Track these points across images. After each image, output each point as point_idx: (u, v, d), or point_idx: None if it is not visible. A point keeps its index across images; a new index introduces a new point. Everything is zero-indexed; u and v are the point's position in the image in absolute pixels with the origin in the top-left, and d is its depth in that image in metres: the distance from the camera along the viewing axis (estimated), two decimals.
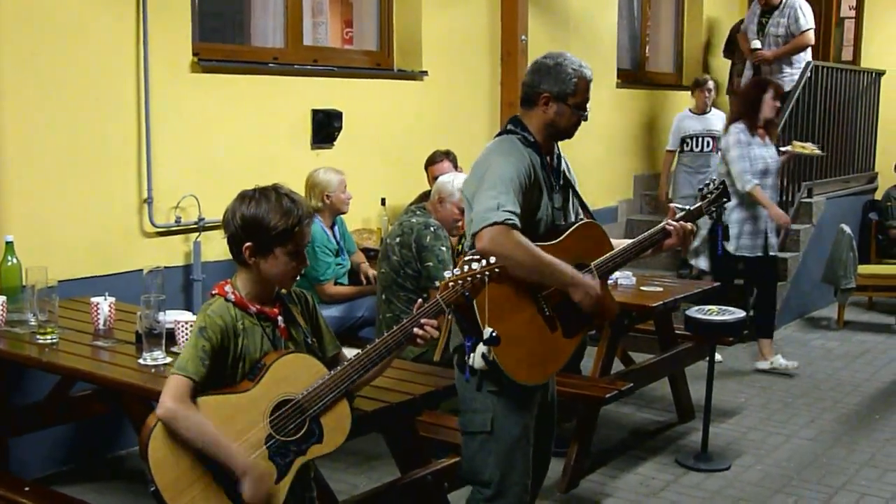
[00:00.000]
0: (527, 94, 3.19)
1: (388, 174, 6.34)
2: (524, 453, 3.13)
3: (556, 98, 3.13)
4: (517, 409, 3.09)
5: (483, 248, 2.85)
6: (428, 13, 6.63)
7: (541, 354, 3.07)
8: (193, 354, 2.56)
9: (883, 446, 5.19)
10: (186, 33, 5.23)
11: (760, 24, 7.79)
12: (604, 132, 8.41)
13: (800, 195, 8.11)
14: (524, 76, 3.22)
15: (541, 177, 3.11)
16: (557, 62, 3.15)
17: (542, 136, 3.17)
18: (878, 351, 7.17)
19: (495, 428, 3.06)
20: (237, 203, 2.67)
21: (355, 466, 4.73)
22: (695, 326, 4.98)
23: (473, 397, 3.08)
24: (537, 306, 3.03)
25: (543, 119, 3.16)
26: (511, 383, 3.00)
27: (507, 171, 2.98)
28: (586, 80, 3.17)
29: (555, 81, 3.13)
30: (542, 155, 3.16)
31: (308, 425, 2.63)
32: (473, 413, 3.10)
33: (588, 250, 3.17)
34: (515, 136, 3.14)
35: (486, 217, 2.89)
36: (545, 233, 3.11)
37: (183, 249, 5.32)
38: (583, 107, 3.18)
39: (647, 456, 5.05)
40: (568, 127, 3.20)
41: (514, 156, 3.06)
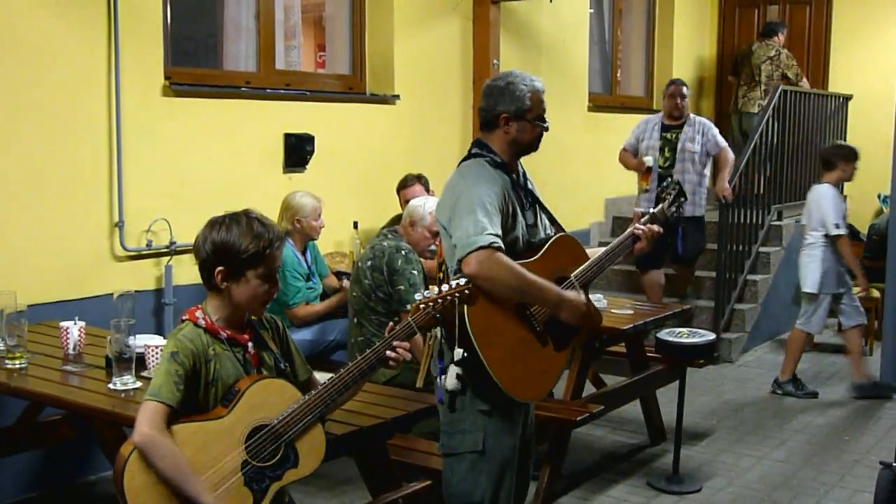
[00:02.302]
0: (485, 118, 3.23)
1: (361, 198, 6.36)
2: (512, 474, 3.16)
3: (514, 116, 3.17)
4: (507, 429, 3.12)
5: (471, 273, 2.89)
6: (400, 37, 6.67)
7: (537, 371, 3.12)
8: (167, 379, 2.55)
9: (852, 467, 5.23)
10: (158, 57, 5.23)
11: (665, 139, 7.31)
12: (576, 155, 8.48)
13: (769, 218, 8.19)
14: (480, 102, 3.26)
15: (513, 196, 3.15)
16: (508, 81, 3.19)
17: (508, 156, 3.22)
18: (848, 373, 7.21)
19: (487, 447, 3.08)
20: (207, 229, 2.69)
21: (327, 490, 4.71)
22: (665, 349, 5.01)
23: (462, 418, 3.09)
24: (527, 324, 3.08)
25: (506, 139, 3.20)
26: (501, 403, 3.04)
27: (484, 194, 3.02)
28: (539, 93, 3.21)
29: (510, 101, 3.17)
30: (510, 174, 3.21)
31: (283, 450, 2.63)
32: (463, 434, 3.10)
33: (567, 262, 3.23)
34: (483, 160, 3.18)
35: (471, 242, 2.91)
36: (523, 251, 3.15)
37: (154, 273, 5.30)
38: (541, 118, 3.23)
39: (618, 478, 5.06)
40: (531, 141, 3.24)
41: (485, 177, 3.09)
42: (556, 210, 3.50)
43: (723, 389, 6.73)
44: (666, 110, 7.43)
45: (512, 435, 3.15)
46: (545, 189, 6.89)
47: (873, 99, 9.24)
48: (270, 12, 6.08)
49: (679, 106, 7.33)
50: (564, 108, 8.37)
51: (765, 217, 8.12)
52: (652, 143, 7.34)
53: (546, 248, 3.18)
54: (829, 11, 10.11)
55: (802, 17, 9.50)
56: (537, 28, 7.96)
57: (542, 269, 3.10)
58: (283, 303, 5.16)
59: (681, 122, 7.35)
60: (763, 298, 7.93)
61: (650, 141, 7.34)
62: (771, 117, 8.07)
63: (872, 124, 9.22)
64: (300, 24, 6.94)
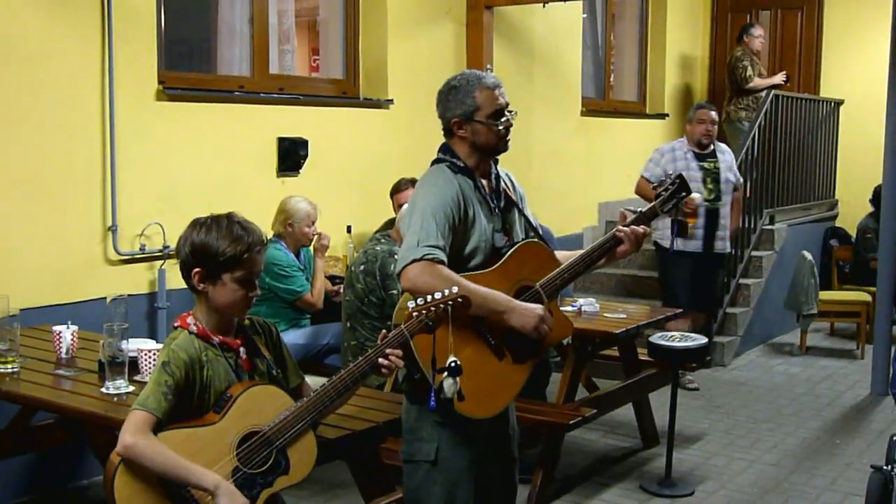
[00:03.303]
0: (443, 126, 3.14)
1: (354, 202, 6.37)
2: (468, 486, 3.06)
3: (465, 120, 3.05)
4: (463, 441, 3.02)
5: (407, 287, 2.81)
6: (394, 42, 6.68)
7: (490, 386, 2.98)
8: (155, 389, 2.55)
9: (844, 470, 5.25)
10: (152, 62, 5.24)
11: (705, 169, 6.71)
12: (569, 159, 8.50)
13: (762, 222, 8.22)
14: (436, 109, 3.15)
15: (473, 201, 3.03)
16: (452, 86, 3.09)
17: (474, 160, 3.09)
18: (840, 376, 7.26)
19: (440, 458, 3.00)
20: (189, 229, 2.69)
21: (319, 494, 4.72)
22: (658, 353, 5.03)
23: (420, 426, 3.02)
24: (481, 337, 2.95)
25: (466, 143, 3.08)
26: (456, 416, 2.92)
27: (432, 203, 2.92)
28: (489, 89, 3.06)
29: (456, 104, 3.06)
30: (476, 178, 3.08)
31: (274, 457, 2.63)
32: (420, 442, 3.03)
33: (533, 270, 3.09)
34: (445, 164, 3.08)
35: (405, 256, 2.84)
36: (485, 258, 3.03)
37: (148, 277, 5.30)
38: (498, 115, 3.07)
39: (611, 482, 5.07)
40: (493, 141, 3.09)
41: (441, 186, 2.99)
42: (550, 214, 3.47)
43: (715, 393, 6.75)
44: (695, 137, 6.75)
45: (469, 447, 3.05)
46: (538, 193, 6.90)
47: (864, 103, 9.29)
48: (264, 16, 6.09)
49: (710, 133, 6.74)
50: (558, 113, 8.40)
51: (757, 221, 8.14)
52: (691, 174, 6.53)
53: (507, 256, 3.05)
54: (820, 17, 10.16)
55: (794, 22, 9.55)
56: (530, 33, 7.98)
57: (502, 279, 2.98)
58: (292, 296, 5.24)
59: (712, 150, 6.80)
60: (755, 302, 7.95)
61: (688, 172, 6.46)
62: (762, 122, 8.10)
63: (863, 129, 9.28)
64: (294, 29, 6.96)
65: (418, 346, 2.77)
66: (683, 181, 3.31)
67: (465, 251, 2.99)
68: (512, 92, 8.50)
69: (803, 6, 10.22)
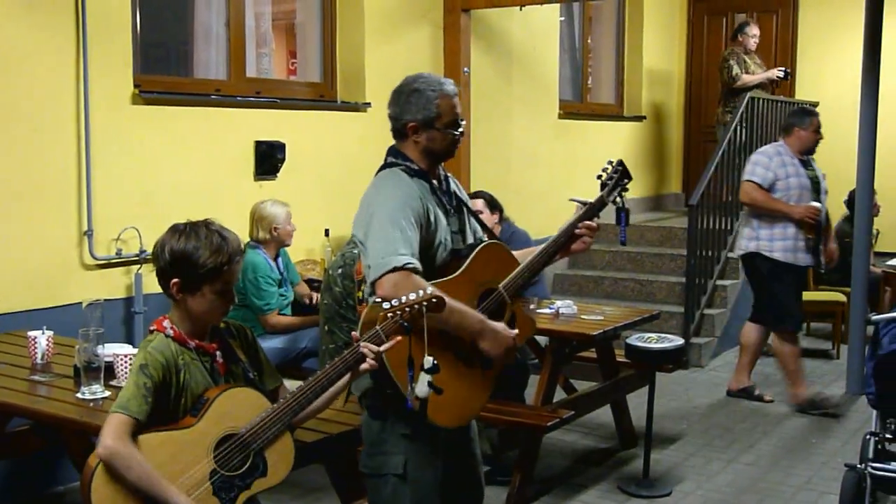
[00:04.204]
0: (394, 127, 3.06)
1: (332, 205, 6.36)
2: (436, 496, 3.04)
3: (422, 126, 2.99)
4: (431, 452, 2.99)
5: (384, 296, 2.75)
6: (371, 45, 6.69)
7: (462, 395, 2.94)
8: (135, 392, 2.55)
9: (819, 469, 5.29)
10: (128, 65, 5.22)
11: (812, 179, 6.33)
12: (547, 162, 8.53)
13: (738, 224, 8.26)
14: (388, 107, 3.08)
15: (433, 204, 3.00)
16: (414, 88, 3.01)
17: (425, 164, 3.04)
18: (816, 376, 7.31)
19: (409, 471, 2.93)
20: (168, 236, 2.67)
21: (298, 498, 4.71)
22: (635, 354, 5.05)
23: (385, 439, 2.95)
24: (451, 345, 2.90)
25: (418, 148, 3.03)
26: (423, 428, 2.89)
27: (397, 208, 2.87)
28: (449, 97, 3.01)
29: (417, 109, 2.99)
30: (431, 181, 3.05)
31: (252, 459, 2.62)
32: (385, 455, 2.96)
33: (496, 272, 3.06)
34: (399, 168, 3.02)
35: (384, 263, 2.77)
36: (446, 261, 3.01)
37: (124, 282, 5.28)
38: (454, 125, 3.02)
39: (589, 483, 5.09)
40: (445, 148, 3.05)
41: (402, 189, 2.94)
42: (528, 216, 3.47)
43: (693, 394, 6.79)
44: (807, 145, 6.34)
45: (437, 458, 3.02)
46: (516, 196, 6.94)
47: (838, 106, 9.34)
48: (241, 20, 6.08)
49: (818, 142, 6.40)
50: (535, 116, 8.42)
51: (733, 223, 8.20)
52: (802, 181, 6.24)
53: (471, 259, 2.99)
54: (795, 20, 10.25)
55: (769, 25, 9.61)
56: (508, 36, 8.00)
57: (468, 283, 2.94)
58: (257, 309, 5.17)
59: (808, 159, 6.42)
60: (732, 304, 8.00)
61: (800, 179, 6.22)
62: (738, 124, 8.15)
63: (838, 131, 9.31)
64: (271, 32, 6.96)
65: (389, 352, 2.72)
66: (625, 168, 3.23)
67: (430, 252, 2.96)
68: (490, 95, 8.61)
69: (778, 9, 10.30)
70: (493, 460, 5.02)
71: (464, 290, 2.91)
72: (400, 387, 2.78)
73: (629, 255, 8.58)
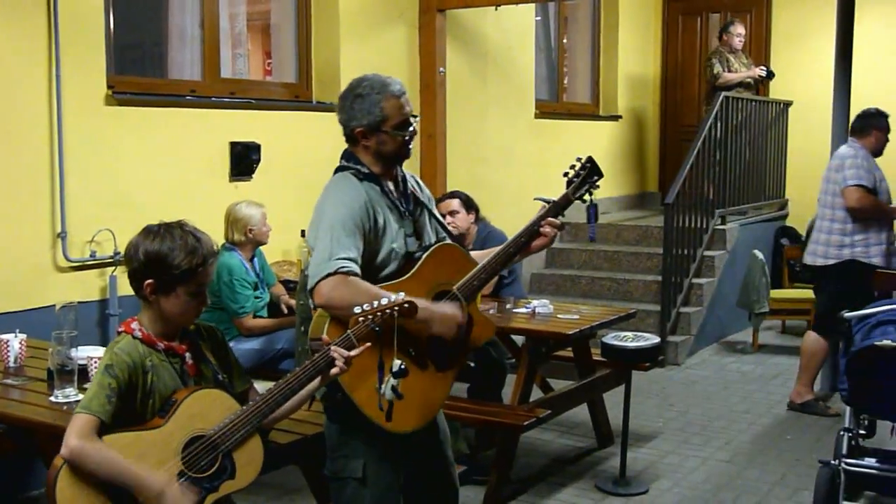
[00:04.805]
0: (344, 132, 3.02)
1: (308, 206, 6.20)
2: (397, 499, 3.04)
3: (370, 131, 2.95)
4: (389, 455, 2.97)
5: (323, 304, 2.73)
6: (346, 46, 6.68)
7: (417, 398, 2.91)
8: (98, 392, 2.53)
9: (794, 466, 5.33)
10: (101, 66, 5.19)
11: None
12: (523, 161, 8.54)
13: (713, 222, 8.32)
14: (336, 114, 3.04)
15: (384, 208, 2.96)
16: (357, 94, 2.96)
17: (379, 167, 3.00)
18: (791, 373, 7.32)
19: (368, 474, 2.93)
20: (141, 237, 2.65)
21: (275, 500, 4.70)
22: (611, 353, 5.07)
23: (344, 442, 2.95)
24: (401, 349, 2.83)
25: (369, 152, 2.99)
26: (381, 432, 2.87)
27: (339, 214, 2.83)
28: (395, 98, 2.96)
29: (362, 115, 2.95)
30: (383, 184, 3.00)
31: (220, 461, 2.61)
32: (345, 459, 2.95)
33: (450, 274, 3.02)
34: (350, 172, 2.98)
35: (318, 271, 2.75)
36: (399, 265, 2.97)
37: (99, 284, 5.25)
38: (404, 126, 2.98)
39: (567, 482, 5.11)
40: (398, 150, 3.01)
41: (348, 195, 2.90)
42: (504, 217, 3.44)
43: (669, 392, 6.82)
44: (881, 147, 6.20)
45: (396, 461, 3.00)
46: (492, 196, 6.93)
47: (812, 105, 9.42)
48: (215, 20, 6.06)
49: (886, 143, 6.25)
50: (511, 115, 8.44)
51: (709, 221, 8.24)
52: (886, 184, 6.15)
53: (422, 261, 2.95)
54: (769, 19, 10.31)
55: (743, 24, 9.64)
56: (483, 36, 8.01)
57: (419, 285, 2.90)
58: (231, 311, 5.15)
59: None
60: (708, 302, 8.05)
61: (882, 183, 6.11)
62: (713, 125, 8.20)
63: (811, 129, 9.41)
64: (246, 32, 6.94)
65: None
66: (594, 165, 3.18)
67: (378, 259, 2.93)
68: (465, 94, 8.61)
69: (752, 9, 10.37)
70: (470, 460, 5.03)
71: (415, 292, 2.84)
72: (347, 391, 2.78)
73: (606, 254, 8.62)
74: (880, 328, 4.22)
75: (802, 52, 10.02)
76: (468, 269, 3.05)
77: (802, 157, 9.74)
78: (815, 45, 9.67)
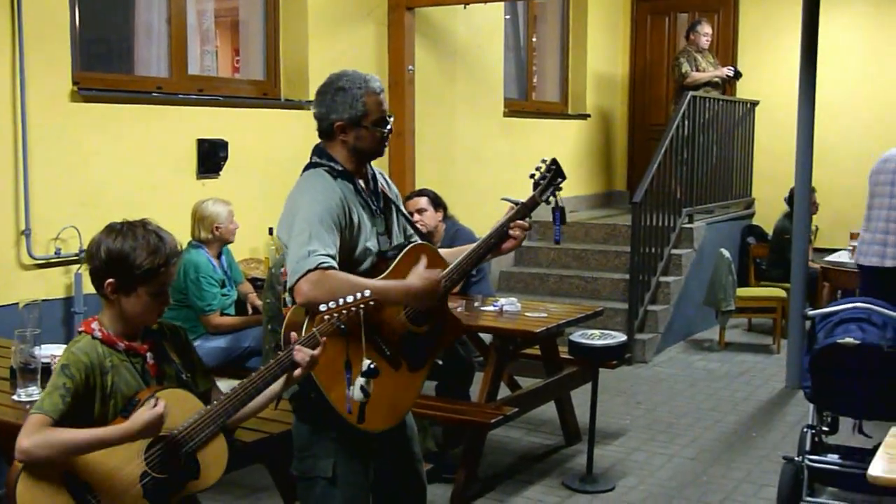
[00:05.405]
0: (321, 127, 3.00)
1: (275, 204, 6.21)
2: (366, 499, 3.04)
3: (350, 124, 2.94)
4: (359, 454, 2.98)
5: (305, 300, 2.71)
6: (314, 43, 6.66)
7: (390, 397, 2.92)
8: (52, 392, 2.50)
9: (759, 462, 5.38)
10: (66, 62, 5.14)
11: None
12: (492, 160, 8.55)
13: (681, 221, 8.37)
14: (313, 107, 3.03)
15: (358, 206, 2.95)
16: (339, 87, 2.95)
17: (352, 164, 2.99)
18: (757, 370, 7.44)
19: (338, 474, 2.92)
20: (103, 236, 2.62)
21: (241, 499, 4.68)
22: (578, 351, 5.09)
23: (314, 442, 2.94)
24: (376, 349, 2.88)
25: (346, 147, 2.97)
26: (352, 431, 2.86)
27: (316, 211, 2.82)
28: (376, 94, 2.96)
29: (343, 108, 2.93)
30: (356, 182, 2.99)
31: (184, 461, 2.59)
32: (314, 458, 2.94)
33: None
34: (323, 169, 2.96)
35: (297, 268, 2.72)
36: (372, 263, 2.98)
37: (64, 282, 5.20)
38: (382, 122, 2.98)
39: (534, 479, 5.13)
40: (373, 147, 3.00)
41: (323, 192, 2.88)
42: (473, 215, 3.44)
43: (637, 390, 6.86)
44: None
45: (366, 460, 3.01)
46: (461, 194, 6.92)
47: (778, 104, 9.53)
48: (182, 16, 6.02)
49: None
50: (480, 114, 8.45)
51: (677, 220, 8.30)
52: None
53: (398, 260, 2.95)
54: (736, 19, 10.39)
55: (710, 24, 9.72)
56: (452, 34, 8.02)
57: None
58: (198, 309, 5.12)
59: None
60: (675, 300, 8.10)
61: None
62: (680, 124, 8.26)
63: (778, 129, 9.51)
64: (213, 29, 6.89)
65: None
66: (559, 167, 3.18)
67: (353, 257, 2.92)
68: (434, 93, 8.60)
69: (719, 9, 10.44)
70: (437, 458, 5.03)
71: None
72: (322, 390, 2.77)
73: (574, 253, 8.65)
74: (842, 326, 4.28)
75: (769, 52, 10.11)
76: (440, 269, 3.04)
77: (769, 157, 9.85)
78: (782, 45, 9.76)
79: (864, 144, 9.59)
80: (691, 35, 9.33)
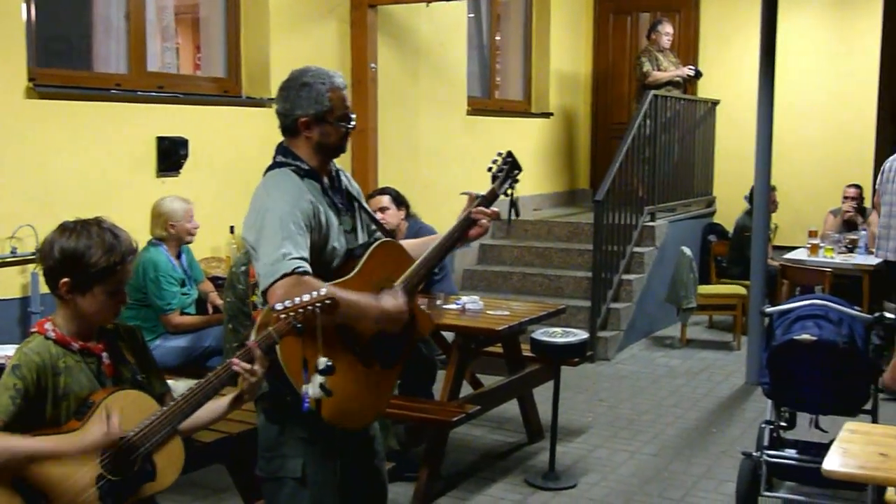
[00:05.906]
0: (284, 123, 2.95)
1: (237, 202, 6.24)
2: (335, 498, 3.01)
3: (315, 120, 2.90)
4: (329, 455, 2.95)
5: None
6: (276, 40, 6.62)
7: (364, 396, 2.91)
8: (2, 393, 2.45)
9: (719, 458, 5.42)
10: (21, 58, 5.07)
11: None
12: (455, 158, 8.55)
13: (643, 219, 8.42)
14: (276, 103, 2.99)
15: (325, 205, 2.92)
16: (303, 82, 2.90)
17: (317, 161, 2.95)
18: (718, 367, 7.50)
19: (308, 474, 2.88)
20: (56, 234, 2.58)
21: (201, 500, 4.64)
22: (540, 348, 5.10)
23: (283, 442, 2.90)
24: (347, 347, 2.84)
25: (310, 144, 2.93)
26: (322, 431, 2.85)
27: (285, 212, 2.77)
28: (340, 90, 2.94)
29: (307, 103, 2.89)
30: (322, 181, 2.96)
31: (140, 463, 2.56)
32: (282, 458, 2.89)
33: (391, 271, 3.00)
34: (289, 168, 2.91)
35: (273, 271, 2.67)
36: (340, 262, 2.94)
37: (20, 281, 5.13)
38: (345, 119, 2.95)
39: (496, 477, 5.13)
40: (337, 143, 2.97)
41: (291, 192, 2.84)
42: (436, 213, 3.43)
43: (599, 387, 6.90)
44: None
45: (335, 460, 2.99)
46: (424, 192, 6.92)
47: (738, 103, 9.61)
48: (141, 12, 5.96)
49: None
50: (443, 112, 8.44)
51: (639, 218, 8.35)
52: None
53: (365, 259, 2.92)
54: (697, 19, 10.48)
55: (672, 24, 9.80)
56: (415, 32, 8.00)
57: (363, 284, 2.88)
58: (158, 308, 5.08)
59: None
60: (638, 297, 8.15)
61: None
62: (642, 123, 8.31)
63: (738, 128, 9.59)
64: (174, 25, 6.83)
65: (285, 353, 2.67)
66: (514, 159, 3.21)
67: (322, 257, 2.88)
68: (397, 91, 8.59)
69: (681, 9, 10.52)
70: (400, 456, 5.02)
71: (362, 289, 2.85)
72: (298, 391, 2.73)
73: (537, 251, 8.68)
74: (799, 323, 4.33)
75: (730, 52, 10.21)
76: (407, 265, 3.03)
77: (729, 156, 9.94)
78: (742, 44, 9.86)
79: (823, 144, 9.74)
80: (653, 34, 9.40)
